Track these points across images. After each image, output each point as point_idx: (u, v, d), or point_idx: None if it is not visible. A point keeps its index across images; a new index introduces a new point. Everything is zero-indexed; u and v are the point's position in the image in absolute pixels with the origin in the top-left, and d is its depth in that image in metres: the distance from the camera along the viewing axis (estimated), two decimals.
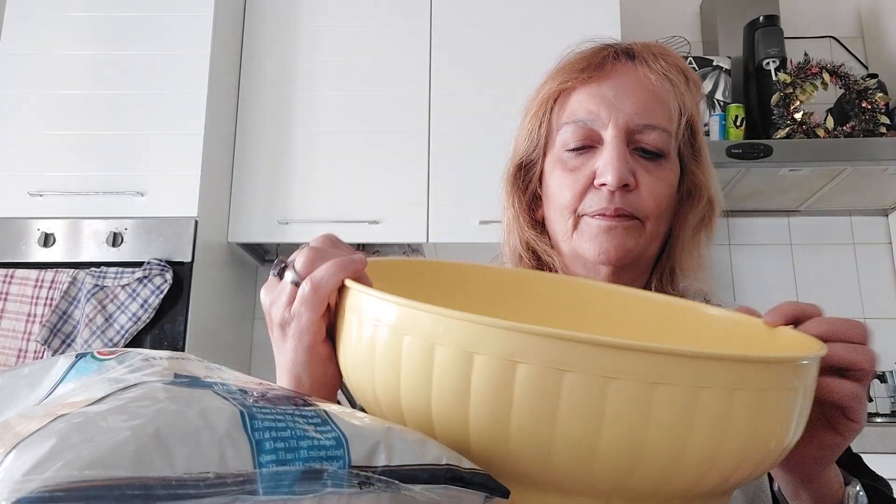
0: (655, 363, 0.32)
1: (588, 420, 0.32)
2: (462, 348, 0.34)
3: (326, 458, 0.27)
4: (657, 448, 0.33)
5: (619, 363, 0.32)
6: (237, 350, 2.22)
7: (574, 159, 0.71)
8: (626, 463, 0.33)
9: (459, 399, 0.34)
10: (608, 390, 0.32)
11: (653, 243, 0.71)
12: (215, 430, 0.25)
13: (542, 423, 0.33)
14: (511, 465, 0.35)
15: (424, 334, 0.35)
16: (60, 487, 0.21)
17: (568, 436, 0.33)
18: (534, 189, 0.77)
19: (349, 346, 0.42)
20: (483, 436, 0.34)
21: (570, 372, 0.32)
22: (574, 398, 0.32)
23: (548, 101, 0.74)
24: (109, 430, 0.23)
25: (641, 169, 0.69)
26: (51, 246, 1.85)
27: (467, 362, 0.34)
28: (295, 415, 0.29)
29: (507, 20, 2.17)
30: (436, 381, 0.35)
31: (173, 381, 0.30)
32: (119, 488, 0.21)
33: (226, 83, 2.10)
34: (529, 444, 0.34)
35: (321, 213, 2.07)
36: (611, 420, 0.32)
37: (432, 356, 0.35)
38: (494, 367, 0.33)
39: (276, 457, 0.25)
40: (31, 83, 1.96)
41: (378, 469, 0.28)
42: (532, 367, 0.32)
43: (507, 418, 0.33)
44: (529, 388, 0.33)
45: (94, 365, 0.34)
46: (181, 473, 0.23)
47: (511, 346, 0.33)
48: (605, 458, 0.33)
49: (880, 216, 2.36)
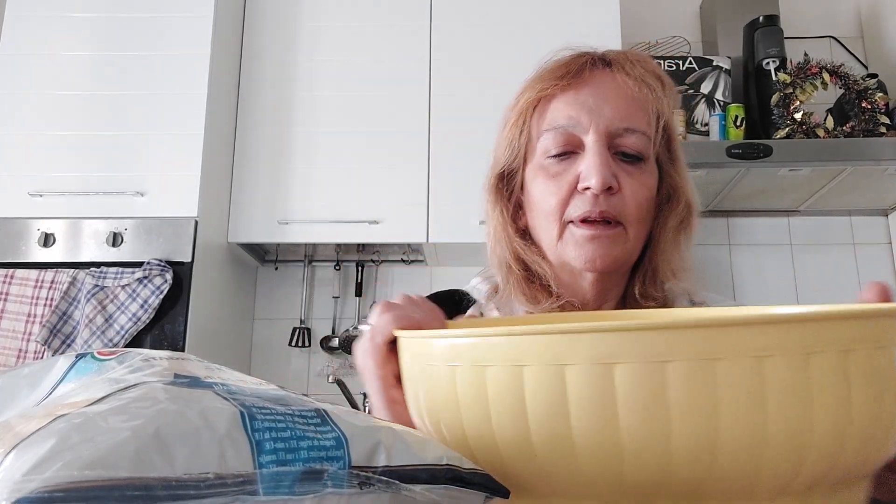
0: (764, 333, 0.29)
1: (701, 412, 0.30)
2: (548, 363, 0.32)
3: (326, 459, 0.27)
4: (779, 432, 0.30)
5: (726, 342, 0.29)
6: (237, 350, 2.23)
7: (556, 165, 0.71)
8: (749, 457, 0.30)
9: (555, 411, 0.32)
10: (717, 373, 0.29)
11: (636, 248, 0.73)
12: (215, 430, 0.25)
13: (654, 421, 0.30)
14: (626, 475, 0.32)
15: (508, 359, 0.33)
16: (60, 487, 0.21)
17: (684, 433, 0.30)
18: (516, 198, 0.77)
19: (421, 394, 0.41)
20: (582, 444, 0.32)
21: (672, 362, 0.30)
22: (682, 390, 0.30)
23: (527, 110, 0.75)
24: (109, 430, 0.23)
25: (623, 173, 0.70)
26: (51, 246, 1.85)
27: (556, 375, 0.32)
28: (295, 415, 0.29)
29: (507, 20, 2.17)
30: (528, 400, 0.33)
31: (173, 382, 0.30)
32: (119, 489, 0.21)
33: (226, 83, 2.10)
34: (643, 448, 0.31)
35: (321, 213, 2.07)
36: (727, 406, 0.29)
37: (521, 380, 0.33)
38: (589, 374, 0.31)
39: (276, 457, 0.25)
40: (31, 83, 1.96)
41: (378, 469, 0.28)
42: (632, 365, 0.30)
43: (615, 426, 0.31)
44: (633, 388, 0.30)
45: (94, 365, 0.34)
46: (181, 474, 0.23)
47: (605, 348, 0.31)
48: (727, 453, 0.30)
49: (880, 216, 2.36)
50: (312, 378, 2.30)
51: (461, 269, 2.29)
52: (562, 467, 0.33)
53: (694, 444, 0.30)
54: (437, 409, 0.38)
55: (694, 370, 0.30)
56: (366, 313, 2.32)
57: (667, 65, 2.22)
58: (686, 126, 2.11)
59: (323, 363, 2.31)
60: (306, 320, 2.33)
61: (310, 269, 2.38)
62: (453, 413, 0.36)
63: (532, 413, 0.33)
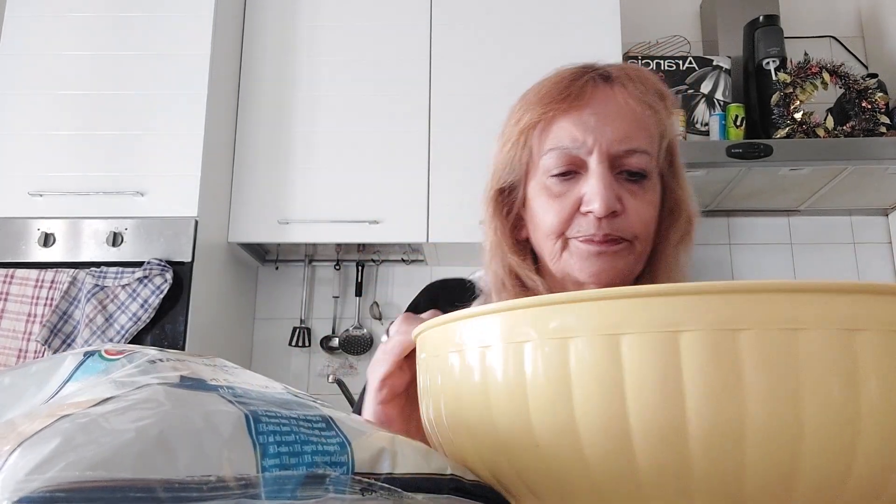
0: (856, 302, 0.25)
1: (780, 394, 0.25)
2: (600, 333, 0.27)
3: (330, 464, 0.27)
4: (875, 423, 0.25)
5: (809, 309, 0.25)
6: (237, 350, 2.23)
7: (559, 185, 0.71)
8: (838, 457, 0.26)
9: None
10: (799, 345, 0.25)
11: (640, 260, 0.72)
12: (219, 433, 0.25)
13: (725, 402, 0.26)
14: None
15: (553, 333, 0.29)
16: (62, 488, 0.21)
17: (760, 418, 0.25)
18: (517, 211, 0.77)
19: (454, 391, 0.35)
20: (640, 429, 0.27)
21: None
22: (756, 365, 0.25)
23: (528, 129, 0.74)
24: (113, 431, 0.23)
25: (627, 193, 0.69)
26: (51, 246, 1.85)
27: (610, 347, 0.27)
28: (300, 419, 0.29)
29: (508, 20, 2.17)
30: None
31: (179, 384, 0.30)
32: (121, 490, 0.21)
33: (226, 83, 2.10)
34: (713, 439, 0.26)
35: (321, 213, 2.07)
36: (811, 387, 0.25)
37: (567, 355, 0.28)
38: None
39: (279, 461, 0.25)
40: (31, 83, 1.96)
41: (381, 476, 0.28)
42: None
43: (681, 412, 0.26)
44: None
45: (101, 364, 0.34)
46: (184, 476, 0.23)
47: (668, 314, 0.26)
48: (811, 445, 0.26)
49: (880, 216, 2.36)
50: (312, 378, 2.30)
51: (461, 269, 2.28)
52: (615, 461, 0.28)
53: (772, 434, 0.26)
54: (463, 407, 0.34)
55: (771, 341, 0.25)
56: (366, 313, 2.33)
57: (667, 65, 2.22)
58: (686, 126, 2.11)
59: (323, 363, 2.31)
60: (306, 320, 2.33)
61: (310, 268, 2.38)
62: (482, 405, 0.32)
63: (579, 396, 0.28)
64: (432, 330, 0.37)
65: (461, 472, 0.31)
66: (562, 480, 0.30)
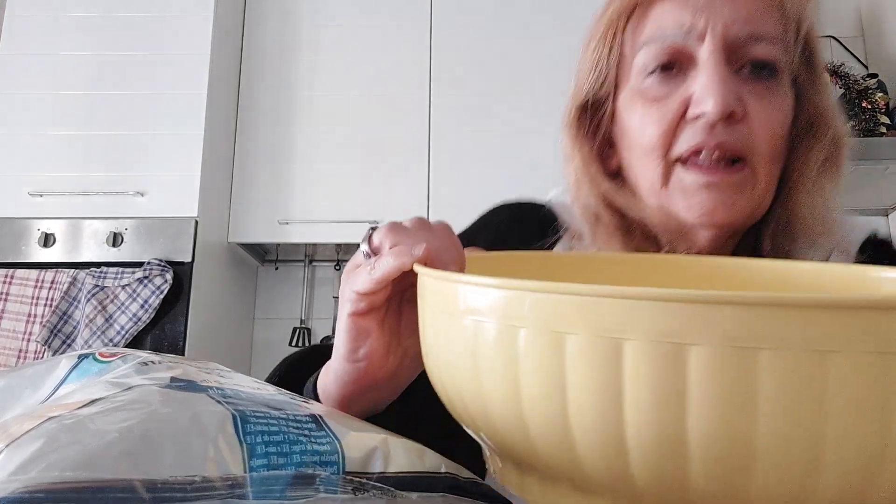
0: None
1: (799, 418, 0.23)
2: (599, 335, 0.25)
3: (320, 464, 0.27)
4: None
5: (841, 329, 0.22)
6: (237, 350, 2.22)
7: (659, 87, 0.56)
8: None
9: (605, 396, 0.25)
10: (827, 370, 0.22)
11: (767, 194, 0.56)
12: (206, 433, 0.25)
13: (736, 424, 0.23)
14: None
15: (546, 323, 0.26)
16: (42, 488, 0.20)
17: (774, 442, 0.23)
18: (606, 133, 0.61)
19: (437, 345, 0.33)
20: (637, 443, 0.25)
21: (765, 349, 0.22)
22: (776, 389, 0.23)
23: (619, 20, 0.59)
24: (97, 431, 0.23)
25: (750, 94, 0.53)
26: (51, 246, 1.85)
27: (611, 350, 0.25)
28: (289, 419, 0.28)
29: (508, 20, 2.17)
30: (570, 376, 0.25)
31: (169, 385, 0.30)
32: (103, 490, 0.21)
33: (226, 83, 2.10)
34: (714, 456, 0.24)
35: (321, 213, 2.07)
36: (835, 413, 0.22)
37: (563, 350, 0.26)
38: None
39: (267, 461, 0.25)
40: (31, 83, 1.96)
41: (374, 476, 0.28)
42: (710, 348, 0.23)
43: (681, 423, 0.24)
44: (709, 375, 0.23)
45: (95, 367, 0.34)
46: (167, 476, 0.22)
47: (674, 322, 0.23)
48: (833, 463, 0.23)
49: (880, 216, 2.36)
50: None
51: None
52: (612, 467, 0.26)
53: (788, 458, 0.23)
54: (458, 373, 0.31)
55: (792, 363, 0.22)
56: None
57: None
58: None
59: None
60: (306, 320, 2.33)
61: (310, 269, 2.38)
62: (473, 379, 0.30)
63: (573, 392, 0.26)
64: (437, 282, 0.33)
65: (456, 469, 0.31)
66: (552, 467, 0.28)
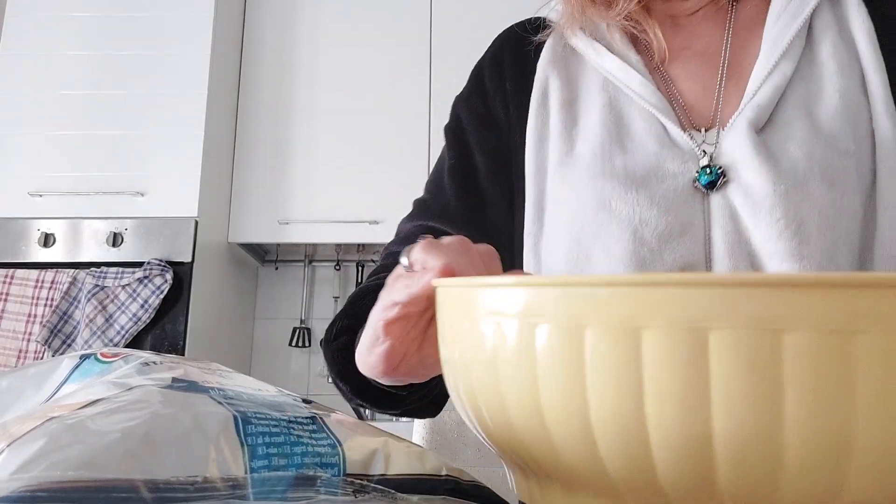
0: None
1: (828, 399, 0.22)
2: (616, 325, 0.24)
3: (321, 465, 0.27)
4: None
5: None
6: (237, 350, 2.22)
7: None
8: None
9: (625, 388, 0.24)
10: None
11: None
12: (207, 434, 0.25)
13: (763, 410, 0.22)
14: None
15: (566, 317, 0.25)
16: (44, 487, 0.20)
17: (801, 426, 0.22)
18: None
19: (456, 352, 0.32)
20: (660, 436, 0.24)
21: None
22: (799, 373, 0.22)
23: None
24: (99, 431, 0.23)
25: None
26: (51, 246, 1.85)
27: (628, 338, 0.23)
28: (290, 421, 0.28)
29: (507, 20, 2.16)
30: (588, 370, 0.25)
31: (170, 386, 0.30)
32: (105, 490, 0.21)
33: (226, 83, 2.10)
34: (744, 449, 0.23)
35: (321, 213, 2.07)
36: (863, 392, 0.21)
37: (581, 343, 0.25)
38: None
39: (268, 462, 0.25)
40: (31, 83, 1.96)
41: (374, 478, 0.28)
42: (732, 331, 0.22)
43: (706, 413, 0.23)
44: (731, 357, 0.22)
45: (97, 367, 0.34)
46: (169, 476, 0.22)
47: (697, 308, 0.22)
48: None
49: None
50: (312, 378, 2.30)
51: None
52: (632, 463, 0.25)
53: (815, 444, 0.22)
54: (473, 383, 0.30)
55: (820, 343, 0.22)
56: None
57: None
58: None
59: (323, 363, 2.30)
60: (306, 320, 2.33)
61: (310, 269, 2.38)
62: (493, 385, 0.29)
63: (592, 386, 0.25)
64: (452, 290, 0.32)
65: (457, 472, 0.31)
66: (574, 470, 0.27)
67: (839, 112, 0.51)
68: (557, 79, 0.61)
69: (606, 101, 0.57)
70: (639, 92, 0.55)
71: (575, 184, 0.55)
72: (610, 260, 0.52)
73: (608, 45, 0.59)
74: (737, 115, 0.52)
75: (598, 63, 0.59)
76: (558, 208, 0.57)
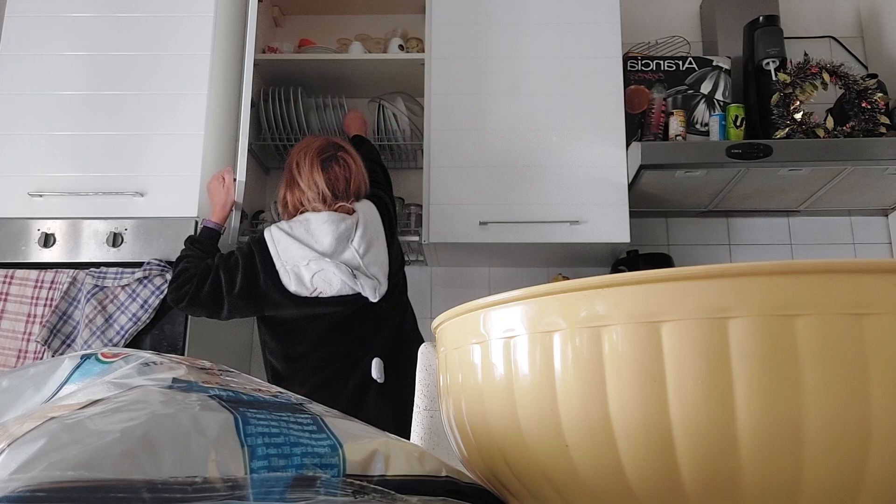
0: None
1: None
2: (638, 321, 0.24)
3: (321, 466, 0.27)
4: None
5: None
6: (237, 350, 2.22)
7: None
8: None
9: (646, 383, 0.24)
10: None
11: None
12: (206, 434, 0.25)
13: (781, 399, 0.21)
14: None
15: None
16: (43, 487, 0.20)
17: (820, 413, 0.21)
18: None
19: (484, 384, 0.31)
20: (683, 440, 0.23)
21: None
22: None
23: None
24: (98, 432, 0.23)
25: None
26: (51, 246, 1.85)
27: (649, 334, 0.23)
28: (290, 421, 0.28)
29: (507, 20, 2.16)
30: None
31: (170, 386, 0.30)
32: (103, 490, 0.21)
33: (226, 83, 2.10)
34: (765, 441, 0.22)
35: None
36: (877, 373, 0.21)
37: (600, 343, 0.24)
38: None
39: (268, 463, 0.25)
40: (31, 83, 1.96)
41: (374, 478, 0.28)
42: (751, 319, 0.22)
43: (730, 412, 0.22)
44: (751, 343, 0.22)
45: (97, 367, 0.34)
46: (168, 476, 0.22)
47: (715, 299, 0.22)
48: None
49: (880, 216, 2.36)
50: None
51: (461, 269, 2.29)
52: (653, 462, 0.24)
53: (835, 434, 0.22)
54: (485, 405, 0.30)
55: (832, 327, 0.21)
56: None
57: (666, 65, 2.22)
58: (686, 126, 2.11)
59: None
60: None
61: None
62: (506, 401, 0.28)
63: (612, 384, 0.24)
64: (451, 321, 0.33)
65: (457, 474, 0.31)
66: (594, 485, 0.27)
67: None
68: None
69: None
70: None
71: None
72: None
73: None
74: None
75: None
76: None
